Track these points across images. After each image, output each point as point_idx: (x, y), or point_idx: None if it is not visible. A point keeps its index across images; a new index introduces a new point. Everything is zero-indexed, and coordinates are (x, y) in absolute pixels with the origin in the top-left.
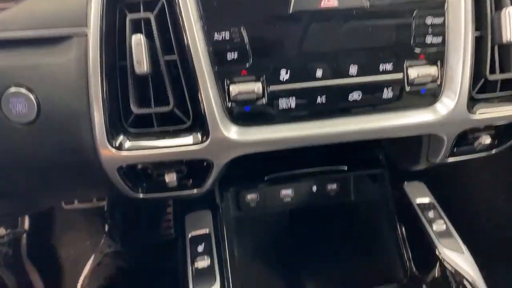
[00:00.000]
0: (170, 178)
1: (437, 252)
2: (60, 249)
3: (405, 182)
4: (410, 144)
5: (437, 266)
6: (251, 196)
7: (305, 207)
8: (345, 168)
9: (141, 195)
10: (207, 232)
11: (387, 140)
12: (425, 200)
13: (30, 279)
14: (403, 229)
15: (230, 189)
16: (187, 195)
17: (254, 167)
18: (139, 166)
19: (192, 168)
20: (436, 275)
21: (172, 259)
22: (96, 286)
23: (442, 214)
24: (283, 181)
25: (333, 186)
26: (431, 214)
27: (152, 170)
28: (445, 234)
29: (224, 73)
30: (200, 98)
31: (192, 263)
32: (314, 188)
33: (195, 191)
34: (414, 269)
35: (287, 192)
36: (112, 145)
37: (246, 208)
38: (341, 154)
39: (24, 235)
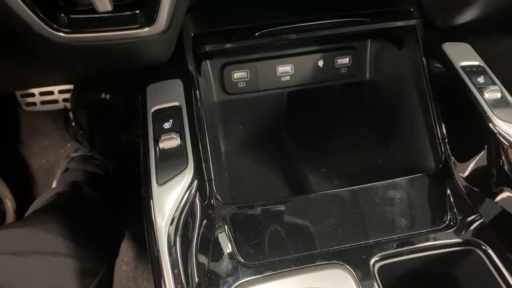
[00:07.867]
0: None
1: (491, 125)
2: (30, 158)
3: (445, 43)
4: None
5: (488, 144)
6: (238, 74)
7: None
8: (367, 20)
9: (61, 34)
10: (178, 105)
11: None
12: (473, 62)
13: None
14: (438, 102)
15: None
16: (135, 39)
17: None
18: None
19: None
20: (486, 156)
21: None
22: (61, 193)
23: (496, 80)
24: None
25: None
26: (481, 79)
27: None
28: (500, 103)
29: None
30: None
31: (156, 142)
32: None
33: (145, 30)
34: (449, 153)
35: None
36: None
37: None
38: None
39: None
